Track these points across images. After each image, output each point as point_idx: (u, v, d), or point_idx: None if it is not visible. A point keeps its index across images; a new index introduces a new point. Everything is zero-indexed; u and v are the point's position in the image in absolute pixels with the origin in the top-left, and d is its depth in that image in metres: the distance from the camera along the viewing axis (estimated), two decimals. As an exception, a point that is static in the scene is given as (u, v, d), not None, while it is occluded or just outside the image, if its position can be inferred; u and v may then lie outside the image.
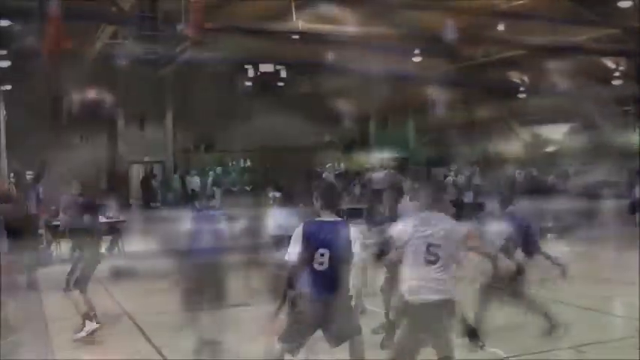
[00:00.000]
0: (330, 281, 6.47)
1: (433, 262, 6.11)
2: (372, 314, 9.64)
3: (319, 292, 6.49)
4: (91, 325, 9.58)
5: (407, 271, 6.30)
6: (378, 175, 20.23)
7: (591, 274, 12.64)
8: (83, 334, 9.51)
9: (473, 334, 8.50)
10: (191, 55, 14.92)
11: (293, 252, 6.60)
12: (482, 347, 8.44)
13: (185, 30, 14.20)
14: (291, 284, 6.90)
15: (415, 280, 6.17)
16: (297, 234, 6.63)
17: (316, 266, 6.46)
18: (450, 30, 28.73)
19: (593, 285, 11.66)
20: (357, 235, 6.60)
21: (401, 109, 44.47)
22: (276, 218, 11.62)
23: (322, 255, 6.44)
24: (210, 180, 36.74)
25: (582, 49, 24.57)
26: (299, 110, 40.62)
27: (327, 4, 22.64)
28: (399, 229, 6.48)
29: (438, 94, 43.90)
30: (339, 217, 6.84)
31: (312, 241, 6.52)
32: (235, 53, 17.85)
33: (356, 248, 6.51)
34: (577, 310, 10.27)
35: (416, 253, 6.19)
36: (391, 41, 34.01)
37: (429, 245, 6.13)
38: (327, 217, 6.69)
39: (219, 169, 38.17)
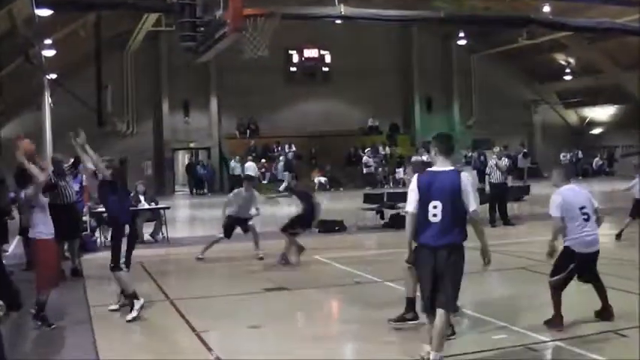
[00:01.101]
0: (443, 233, 6.53)
1: (587, 220, 8.18)
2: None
3: (432, 243, 6.57)
4: (138, 303, 9.59)
5: (570, 230, 8.17)
6: (418, 159, 20.04)
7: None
8: (135, 313, 9.51)
9: None
10: (231, 41, 14.87)
11: (411, 202, 6.78)
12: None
13: (224, 16, 14.17)
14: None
15: (580, 235, 8.16)
16: (413, 185, 6.79)
17: (430, 218, 6.56)
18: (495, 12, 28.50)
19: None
20: (469, 183, 6.66)
21: (446, 92, 44.17)
22: None
23: (435, 207, 6.54)
24: (281, 165, 37.04)
25: (627, 30, 24.08)
26: (344, 95, 40.55)
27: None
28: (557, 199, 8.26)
29: (483, 77, 43.61)
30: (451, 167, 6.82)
31: (425, 193, 6.64)
32: (279, 38, 17.79)
33: (470, 202, 6.60)
34: (619, 293, 10.12)
35: (575, 214, 8.18)
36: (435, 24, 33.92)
37: (581, 207, 8.20)
38: (441, 165, 6.75)
39: (289, 154, 38.34)
